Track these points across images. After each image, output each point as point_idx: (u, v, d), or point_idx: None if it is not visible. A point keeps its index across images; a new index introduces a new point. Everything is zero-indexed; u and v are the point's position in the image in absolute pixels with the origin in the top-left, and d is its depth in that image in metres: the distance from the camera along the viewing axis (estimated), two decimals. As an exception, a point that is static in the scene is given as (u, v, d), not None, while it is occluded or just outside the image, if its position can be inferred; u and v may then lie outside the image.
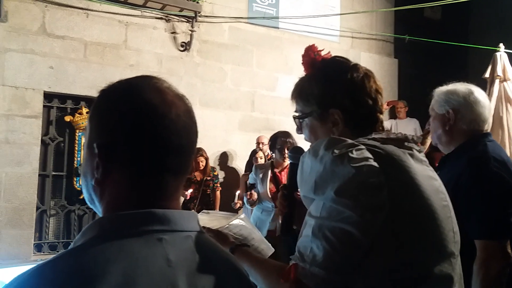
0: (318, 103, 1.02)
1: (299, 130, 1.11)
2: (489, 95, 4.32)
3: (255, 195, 3.77)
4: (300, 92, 1.07)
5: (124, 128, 0.66)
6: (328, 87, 1.02)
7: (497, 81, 4.75)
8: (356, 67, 1.03)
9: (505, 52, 4.86)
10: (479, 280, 1.50)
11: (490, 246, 1.51)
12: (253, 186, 3.84)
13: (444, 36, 6.21)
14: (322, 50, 1.08)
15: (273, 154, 3.81)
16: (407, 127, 6.18)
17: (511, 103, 4.70)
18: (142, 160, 0.66)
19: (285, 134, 3.69)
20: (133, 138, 0.66)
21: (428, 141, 3.49)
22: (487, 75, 4.80)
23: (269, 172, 3.75)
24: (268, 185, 3.72)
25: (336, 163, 0.86)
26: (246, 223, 1.40)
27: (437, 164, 1.82)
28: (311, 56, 1.07)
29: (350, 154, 0.86)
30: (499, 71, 4.74)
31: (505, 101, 4.70)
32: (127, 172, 0.66)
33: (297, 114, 1.10)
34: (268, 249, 1.39)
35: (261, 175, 3.79)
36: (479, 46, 5.62)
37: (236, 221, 1.36)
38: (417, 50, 6.68)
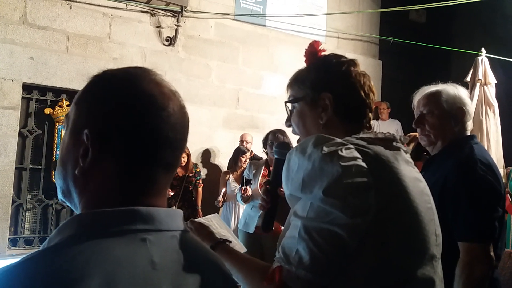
0: (312, 86, 1.03)
1: (288, 121, 1.10)
2: (470, 98, 4.40)
3: (249, 191, 3.77)
4: (297, 77, 1.09)
5: (121, 116, 0.63)
6: (324, 73, 1.04)
7: (478, 85, 4.84)
8: (354, 62, 1.06)
9: (486, 56, 4.96)
10: (461, 283, 1.50)
11: (475, 249, 1.51)
12: (249, 182, 3.82)
13: (428, 39, 6.29)
14: (325, 50, 1.11)
15: (266, 152, 3.79)
16: (389, 128, 6.25)
17: (490, 107, 4.80)
18: (136, 151, 0.63)
19: (280, 131, 3.70)
20: (129, 127, 0.62)
21: (410, 147, 3.44)
22: (468, 78, 4.90)
23: (262, 169, 3.76)
24: (260, 182, 3.72)
25: (325, 161, 0.84)
26: (222, 221, 1.42)
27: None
28: (314, 48, 1.09)
29: (340, 153, 0.84)
30: (480, 75, 4.84)
31: (485, 104, 4.80)
32: (119, 162, 0.63)
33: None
34: (241, 248, 1.39)
35: (254, 172, 3.80)
36: (462, 50, 5.72)
37: (215, 216, 1.37)
38: (401, 53, 6.75)
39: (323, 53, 1.09)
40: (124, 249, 0.57)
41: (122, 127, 0.63)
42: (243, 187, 3.81)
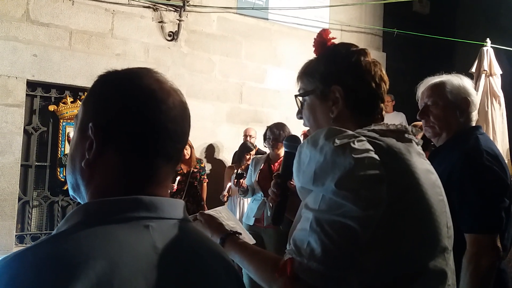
0: (321, 79, 1.02)
1: (299, 113, 1.10)
2: (476, 89, 4.37)
3: (244, 183, 3.80)
4: (306, 69, 1.07)
5: (121, 109, 0.66)
6: (334, 65, 1.02)
7: (483, 76, 4.81)
8: (364, 51, 1.04)
9: (491, 47, 4.91)
10: (468, 274, 1.49)
11: (481, 240, 1.51)
12: (241, 176, 3.87)
13: (432, 30, 6.24)
14: (335, 38, 1.09)
15: (266, 146, 3.80)
16: (394, 121, 6.17)
17: (496, 98, 4.77)
18: (136, 142, 0.66)
19: (279, 126, 3.69)
20: (129, 119, 0.66)
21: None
22: (473, 69, 4.86)
23: (262, 164, 3.77)
24: (258, 176, 3.72)
25: (337, 153, 0.83)
26: (230, 213, 1.42)
27: None
28: (323, 37, 1.08)
29: (352, 145, 0.83)
30: (485, 65, 4.80)
31: (490, 95, 4.76)
32: (121, 153, 0.66)
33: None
34: (250, 240, 1.39)
35: (254, 166, 3.82)
36: (467, 41, 5.67)
37: (224, 208, 1.38)
38: (405, 44, 6.70)
39: (332, 42, 1.07)
40: (127, 234, 0.60)
41: (123, 119, 0.66)
42: (235, 180, 3.87)
